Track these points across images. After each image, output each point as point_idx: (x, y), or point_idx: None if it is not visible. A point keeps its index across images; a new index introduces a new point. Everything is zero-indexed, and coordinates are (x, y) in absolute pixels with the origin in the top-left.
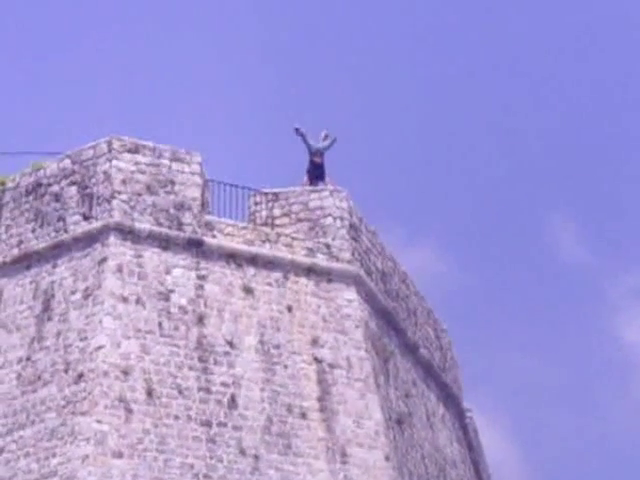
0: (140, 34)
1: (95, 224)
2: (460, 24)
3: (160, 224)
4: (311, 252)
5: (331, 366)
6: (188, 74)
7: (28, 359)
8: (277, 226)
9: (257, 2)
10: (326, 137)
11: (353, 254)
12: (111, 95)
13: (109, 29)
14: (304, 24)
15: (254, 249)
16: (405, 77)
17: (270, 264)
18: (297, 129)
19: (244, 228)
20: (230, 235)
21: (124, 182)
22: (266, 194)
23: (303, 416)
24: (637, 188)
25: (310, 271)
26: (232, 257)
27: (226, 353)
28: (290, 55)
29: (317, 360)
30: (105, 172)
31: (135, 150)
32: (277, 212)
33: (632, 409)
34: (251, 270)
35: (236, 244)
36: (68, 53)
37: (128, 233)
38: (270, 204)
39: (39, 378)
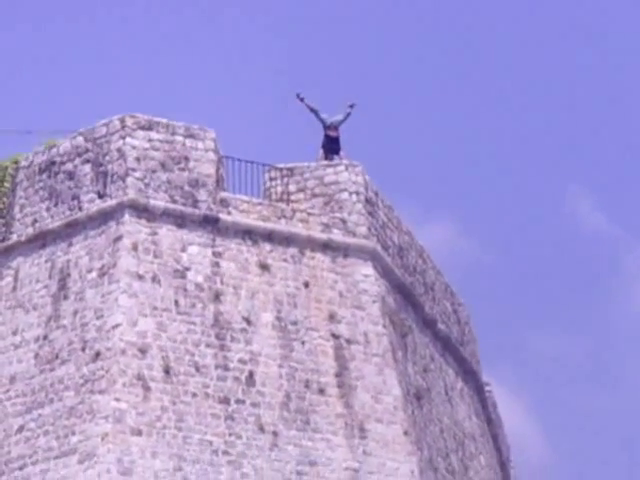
0: (153, 13)
1: (110, 202)
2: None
3: (175, 201)
4: (327, 227)
5: (348, 342)
6: (201, 51)
7: (45, 338)
8: (292, 202)
9: None
10: (351, 107)
11: (369, 229)
12: (124, 73)
13: (124, 8)
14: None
15: (270, 225)
16: (422, 51)
17: (286, 240)
18: (298, 95)
19: (259, 204)
20: (245, 211)
21: (138, 159)
22: (281, 169)
23: (321, 392)
24: None
25: (326, 247)
26: (248, 233)
27: (243, 330)
28: (305, 28)
29: (334, 336)
30: (119, 149)
31: (149, 127)
32: (292, 188)
33: None
34: (267, 246)
35: (252, 220)
36: (80, 31)
37: (143, 211)
38: (285, 179)
39: (57, 357)
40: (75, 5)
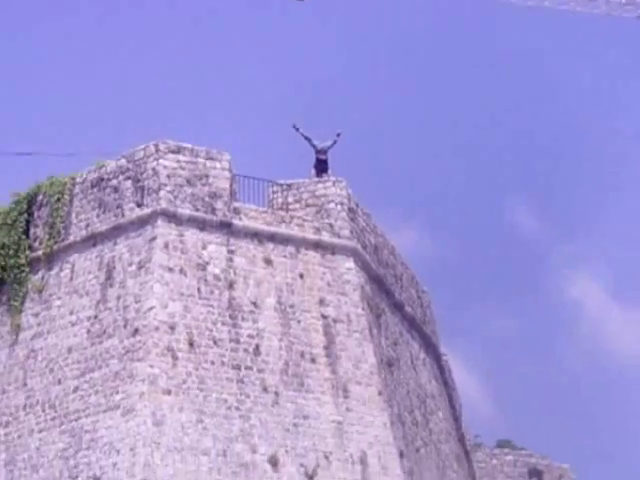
0: (178, 54)
1: (146, 210)
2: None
3: (197, 210)
4: (318, 231)
5: (334, 321)
6: (219, 86)
7: (95, 317)
8: (290, 210)
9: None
10: (338, 135)
11: (351, 232)
12: (156, 104)
13: (154, 49)
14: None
15: (272, 229)
16: (395, 90)
17: (285, 240)
18: (294, 126)
19: (264, 212)
20: (253, 218)
21: (168, 177)
22: (281, 185)
23: (313, 361)
24: (573, 178)
25: (317, 246)
26: (255, 235)
27: (251, 311)
28: (302, 71)
29: (323, 316)
30: (153, 169)
31: (177, 151)
32: (290, 199)
33: (578, 352)
34: (270, 245)
35: (258, 225)
36: (117, 71)
37: (172, 217)
38: (285, 193)
39: (104, 332)
40: (117, 51)
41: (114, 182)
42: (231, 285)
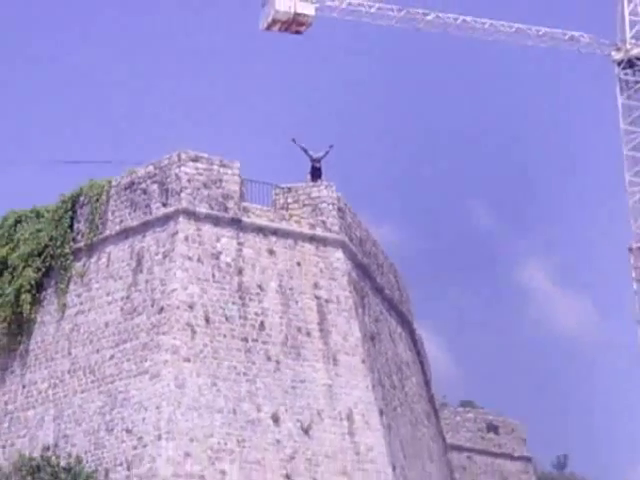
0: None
1: (170, 209)
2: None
3: (212, 209)
4: (312, 226)
5: (326, 301)
6: (232, 105)
7: (127, 297)
8: (290, 209)
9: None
10: (330, 147)
11: (340, 227)
12: (178, 118)
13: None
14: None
15: (275, 225)
16: (378, 110)
17: (285, 234)
18: (293, 139)
19: (268, 211)
20: (259, 216)
21: (189, 181)
22: (282, 188)
23: (308, 334)
24: (525, 184)
25: (312, 239)
26: (260, 230)
27: (257, 293)
28: (302, 96)
29: (317, 297)
30: (176, 174)
31: (196, 159)
32: (290, 200)
33: (527, 327)
34: (273, 238)
35: (263, 221)
36: (145, 90)
37: (191, 215)
38: (285, 195)
39: (134, 310)
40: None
41: (143, 185)
42: (240, 271)
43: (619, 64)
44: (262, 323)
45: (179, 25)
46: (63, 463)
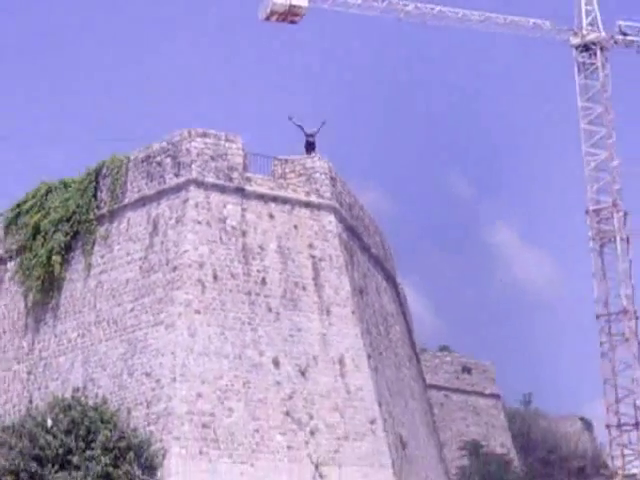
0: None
1: (182, 179)
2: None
3: (219, 179)
4: (308, 194)
5: (320, 259)
6: (238, 85)
7: (145, 258)
8: (287, 179)
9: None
10: (323, 123)
11: (332, 194)
12: (189, 95)
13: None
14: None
15: (274, 192)
16: (367, 89)
17: (284, 201)
18: (290, 117)
19: (268, 180)
20: (260, 184)
21: (198, 154)
22: (281, 160)
23: (304, 289)
24: (497, 154)
25: (307, 205)
26: (261, 197)
27: (259, 253)
28: (300, 75)
29: (312, 256)
30: (187, 149)
31: (204, 135)
32: (287, 170)
33: (498, 280)
34: (272, 205)
35: (264, 189)
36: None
37: (201, 184)
38: (283, 166)
39: (151, 268)
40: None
41: (158, 159)
42: (244, 234)
43: (577, 48)
44: (263, 279)
45: (189, 20)
46: (91, 403)
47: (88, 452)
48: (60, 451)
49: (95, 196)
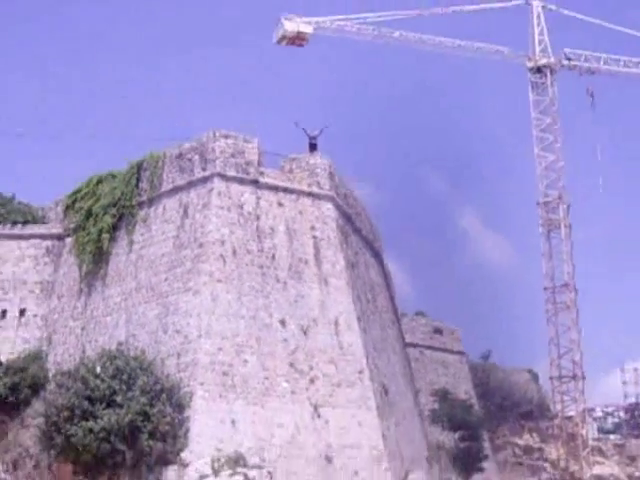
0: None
1: (207, 173)
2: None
3: (238, 172)
4: (310, 185)
5: (320, 239)
6: (252, 94)
7: (177, 236)
8: (294, 173)
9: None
10: (326, 127)
11: (330, 187)
12: (213, 104)
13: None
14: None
15: (283, 184)
16: (362, 100)
17: (291, 191)
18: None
19: (278, 174)
20: (272, 177)
21: (221, 152)
22: (289, 157)
23: (307, 263)
24: (467, 152)
25: (310, 195)
26: (272, 188)
27: (270, 233)
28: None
29: (314, 237)
30: (212, 148)
31: (226, 137)
32: (294, 166)
33: (466, 261)
34: (281, 194)
35: (275, 182)
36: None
37: (223, 177)
38: (291, 162)
39: (182, 245)
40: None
41: (188, 156)
42: (258, 217)
43: (530, 70)
44: (273, 255)
45: (213, 54)
46: (132, 354)
47: (129, 394)
48: (107, 392)
49: (137, 185)
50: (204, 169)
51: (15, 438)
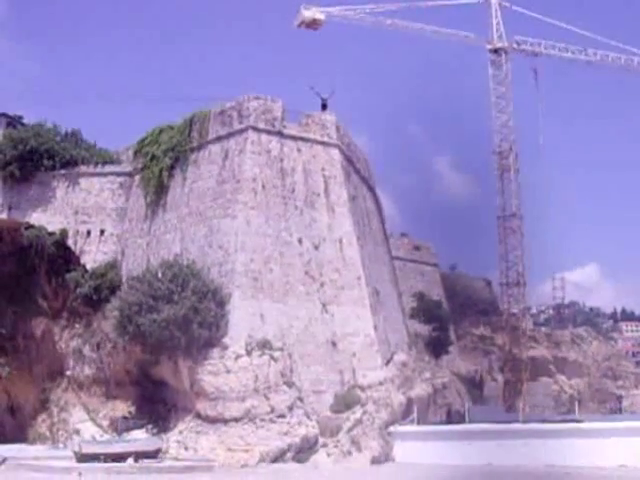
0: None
1: (243, 126)
2: None
3: (267, 125)
4: (322, 136)
5: (329, 177)
6: (278, 65)
7: (219, 174)
8: (310, 126)
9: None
10: (333, 92)
11: (337, 137)
12: (249, 73)
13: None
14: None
15: (301, 134)
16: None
17: (307, 140)
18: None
19: (297, 127)
20: (293, 130)
21: (254, 110)
22: (306, 114)
23: (318, 195)
24: (449, 111)
25: (321, 143)
26: (293, 138)
27: (290, 172)
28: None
29: (324, 175)
30: (247, 106)
31: (257, 98)
32: (310, 121)
33: (442, 195)
34: (300, 143)
35: (295, 132)
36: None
37: (255, 129)
38: (307, 118)
39: (223, 181)
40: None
41: (229, 113)
42: (281, 160)
43: (490, 51)
44: (294, 189)
45: (239, 35)
46: (185, 263)
47: (183, 294)
48: (166, 292)
49: (189, 135)
50: (240, 123)
51: (98, 326)
